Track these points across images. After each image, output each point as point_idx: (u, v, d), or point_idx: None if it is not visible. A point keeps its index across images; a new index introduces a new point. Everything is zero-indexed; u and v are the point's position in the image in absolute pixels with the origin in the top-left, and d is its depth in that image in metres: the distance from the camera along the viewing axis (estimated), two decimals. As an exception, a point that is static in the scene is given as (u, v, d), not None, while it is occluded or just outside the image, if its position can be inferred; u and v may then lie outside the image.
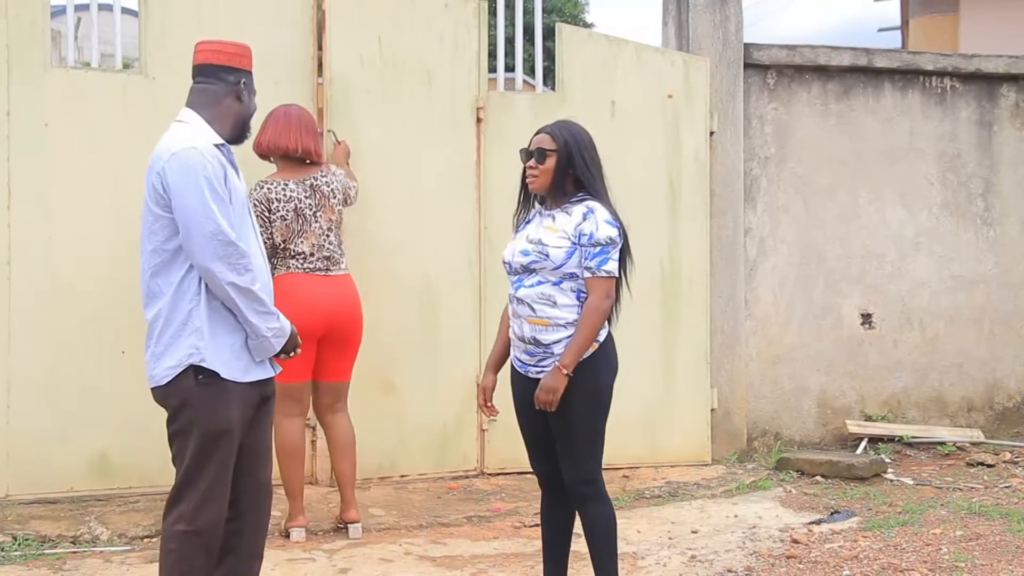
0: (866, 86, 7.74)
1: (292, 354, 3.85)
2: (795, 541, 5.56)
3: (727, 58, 7.38)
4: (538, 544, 4.70)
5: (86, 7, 6.25)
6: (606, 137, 6.92)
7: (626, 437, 7.00)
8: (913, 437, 7.56)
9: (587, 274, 4.10)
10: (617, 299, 4.31)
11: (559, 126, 4.27)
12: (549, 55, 7.35)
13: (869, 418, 7.67)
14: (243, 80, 3.83)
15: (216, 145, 3.72)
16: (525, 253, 4.14)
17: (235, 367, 3.68)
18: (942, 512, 6.11)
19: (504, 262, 4.28)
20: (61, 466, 5.94)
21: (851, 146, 7.70)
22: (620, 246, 4.20)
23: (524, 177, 4.27)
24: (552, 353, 4.10)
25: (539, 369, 4.14)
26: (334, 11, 6.39)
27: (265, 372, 3.80)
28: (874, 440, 7.53)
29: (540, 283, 4.11)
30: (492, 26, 6.90)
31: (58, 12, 6.52)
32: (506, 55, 7.04)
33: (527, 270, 4.13)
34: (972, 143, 7.90)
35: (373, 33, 6.50)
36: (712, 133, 7.29)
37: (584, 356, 4.09)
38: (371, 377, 6.45)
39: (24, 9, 5.87)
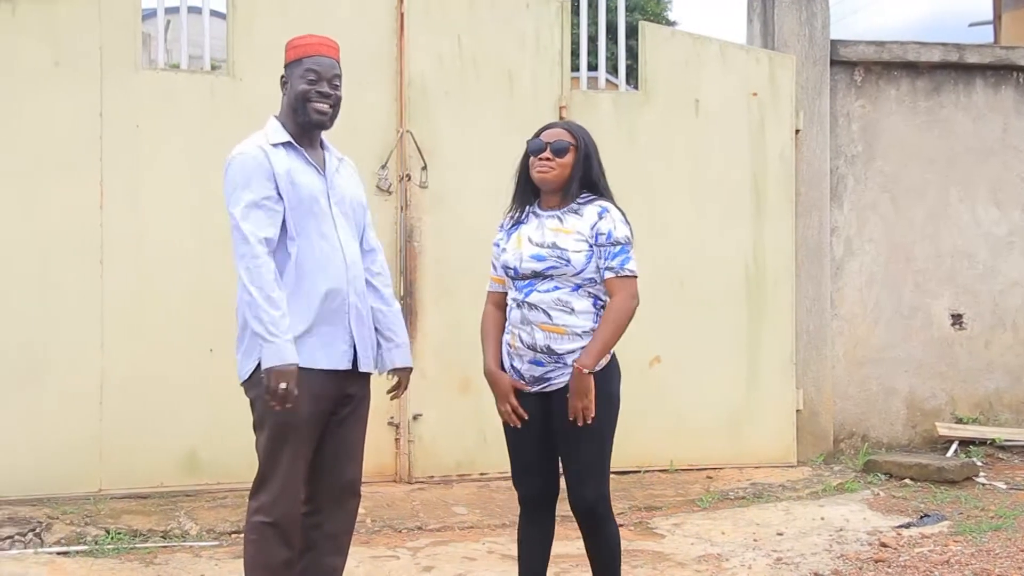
0: (957, 82, 7.59)
1: (281, 389, 3.55)
2: (883, 545, 5.46)
3: (813, 55, 7.29)
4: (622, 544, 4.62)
5: (176, 10, 6.37)
6: (690, 136, 6.96)
7: (710, 438, 6.98)
8: (1006, 440, 7.40)
9: (608, 274, 3.80)
10: None
11: (573, 124, 4.02)
12: (632, 54, 7.30)
13: (960, 420, 7.52)
14: (281, 76, 3.86)
15: (277, 144, 3.74)
16: (539, 258, 3.82)
17: (305, 356, 3.64)
18: (1036, 517, 5.97)
19: (507, 267, 3.94)
20: (151, 462, 6.05)
21: (941, 144, 7.56)
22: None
23: (522, 171, 3.99)
24: (565, 364, 3.80)
25: (544, 383, 3.86)
26: (413, 11, 6.44)
27: (334, 363, 3.74)
28: (965, 443, 7.38)
29: (556, 288, 3.81)
30: (575, 25, 6.89)
31: (149, 15, 6.63)
32: (589, 54, 7.02)
33: (539, 276, 3.83)
34: (1068, 140, 7.70)
35: (452, 33, 6.54)
36: (798, 131, 7.20)
37: (599, 367, 3.79)
38: (450, 376, 6.51)
39: (117, 12, 6.00)
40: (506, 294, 4.02)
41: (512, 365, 3.93)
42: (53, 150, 5.91)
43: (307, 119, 3.79)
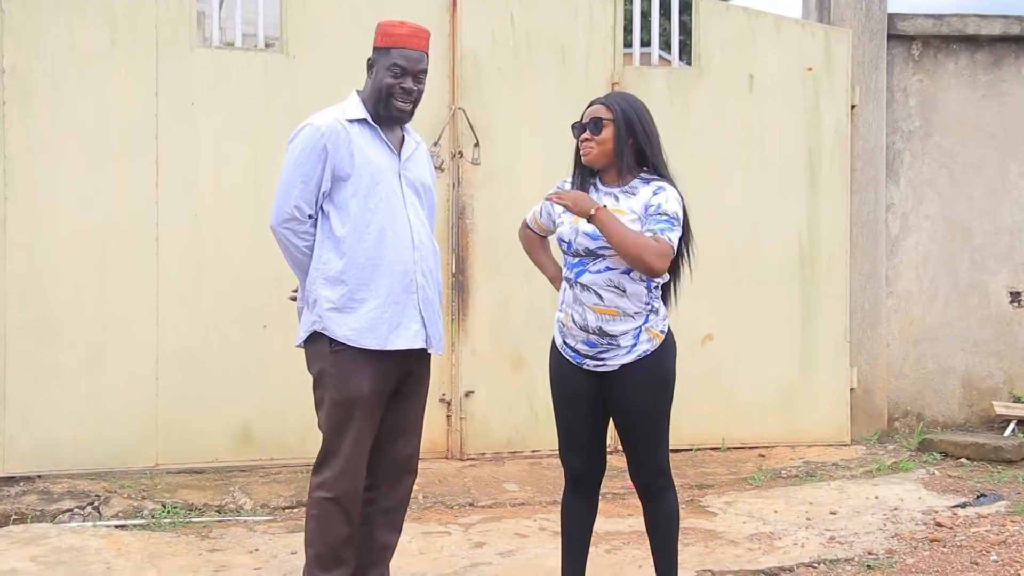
0: (1018, 55, 7.45)
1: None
2: (939, 524, 5.41)
3: (870, 29, 7.19)
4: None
5: (230, -12, 6.39)
6: (744, 112, 6.89)
7: (762, 416, 6.95)
8: (1064, 420, 7.30)
9: (648, 234, 3.66)
10: (677, 278, 3.95)
11: (613, 95, 3.94)
12: (685, 29, 7.24)
13: (1017, 399, 7.42)
14: (369, 58, 3.88)
15: (352, 120, 3.79)
16: (592, 236, 3.74)
17: (367, 336, 3.71)
18: (1095, 498, 5.88)
19: (562, 241, 3.88)
20: (206, 437, 6.12)
21: (1001, 118, 7.43)
22: (681, 230, 3.79)
23: (576, 154, 3.94)
24: (618, 345, 3.77)
25: (598, 362, 3.81)
26: (465, -12, 6.43)
27: (408, 343, 3.79)
28: (1022, 422, 7.28)
29: (608, 269, 3.76)
30: (628, 0, 6.84)
31: (203, -7, 6.67)
32: (642, 30, 6.97)
33: (592, 254, 3.78)
34: None
35: (505, 9, 6.53)
36: (853, 107, 7.11)
37: (651, 349, 3.78)
38: (503, 353, 6.52)
39: (171, -9, 6.04)
40: (540, 236, 4.22)
41: (565, 342, 3.90)
42: (110, 129, 5.97)
43: (387, 113, 3.83)
